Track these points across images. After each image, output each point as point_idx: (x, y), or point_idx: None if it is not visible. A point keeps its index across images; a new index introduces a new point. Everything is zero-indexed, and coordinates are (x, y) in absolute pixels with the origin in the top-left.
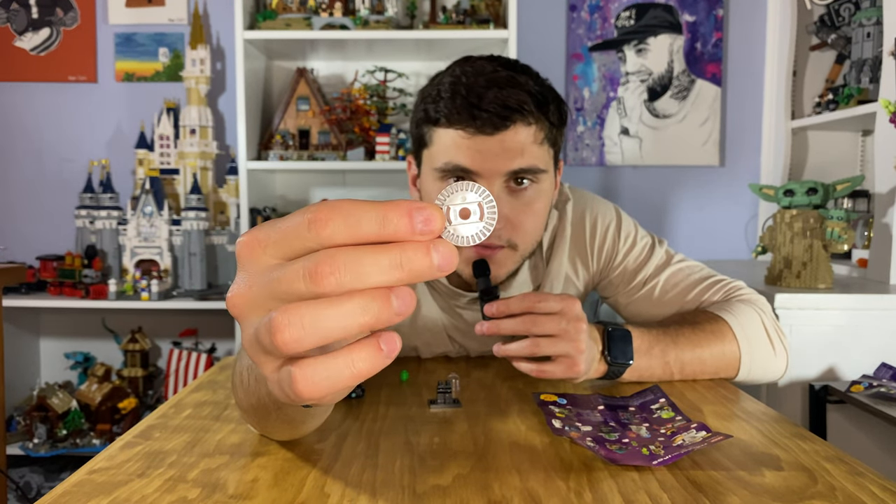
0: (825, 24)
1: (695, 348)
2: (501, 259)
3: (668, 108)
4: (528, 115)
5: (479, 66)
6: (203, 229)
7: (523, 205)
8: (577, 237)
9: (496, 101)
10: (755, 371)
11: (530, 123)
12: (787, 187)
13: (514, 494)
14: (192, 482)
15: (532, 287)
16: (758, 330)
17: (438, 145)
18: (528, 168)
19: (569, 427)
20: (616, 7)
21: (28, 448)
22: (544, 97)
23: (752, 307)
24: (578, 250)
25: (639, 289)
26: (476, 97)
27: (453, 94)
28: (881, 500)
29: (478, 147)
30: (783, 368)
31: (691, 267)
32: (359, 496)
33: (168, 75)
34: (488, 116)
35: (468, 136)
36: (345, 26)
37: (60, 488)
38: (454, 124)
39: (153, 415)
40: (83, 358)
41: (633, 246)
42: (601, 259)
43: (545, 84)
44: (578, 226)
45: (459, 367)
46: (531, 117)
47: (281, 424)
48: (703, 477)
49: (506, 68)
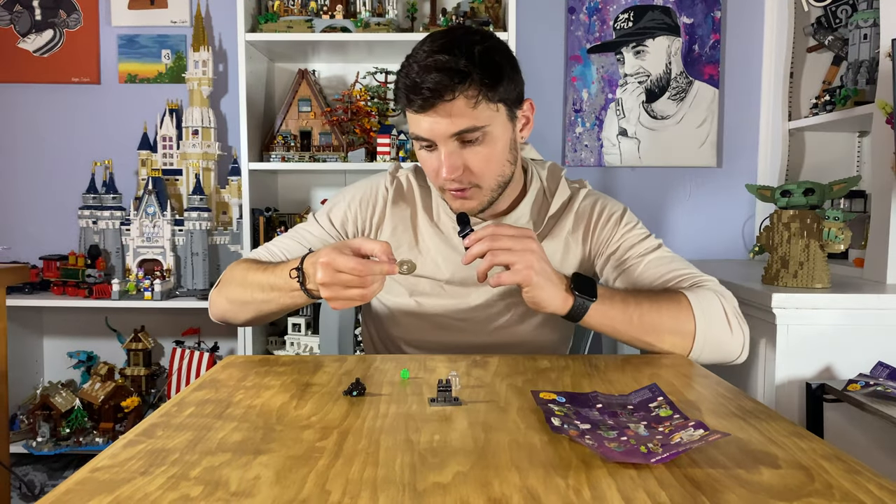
0: (822, 25)
1: (652, 306)
2: (472, 195)
3: (665, 110)
4: (453, 90)
5: (418, 53)
6: (205, 229)
7: (473, 154)
8: (582, 215)
9: (426, 86)
10: (710, 343)
11: (456, 96)
12: (785, 188)
13: (514, 492)
14: (195, 480)
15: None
16: (716, 308)
17: (408, 118)
18: (465, 129)
19: (568, 425)
20: (614, 9)
21: (31, 446)
22: (468, 71)
23: (714, 293)
24: (583, 226)
25: (625, 266)
26: (412, 84)
27: (401, 82)
28: (878, 498)
29: (423, 121)
30: (739, 350)
31: (674, 258)
32: (360, 493)
33: (171, 77)
34: (421, 100)
35: (415, 114)
36: (346, 28)
37: (63, 486)
38: (405, 106)
39: (156, 413)
40: (86, 357)
41: (630, 230)
42: (601, 236)
43: (476, 53)
44: (587, 209)
45: (459, 365)
46: (456, 90)
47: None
48: (701, 475)
49: (440, 50)
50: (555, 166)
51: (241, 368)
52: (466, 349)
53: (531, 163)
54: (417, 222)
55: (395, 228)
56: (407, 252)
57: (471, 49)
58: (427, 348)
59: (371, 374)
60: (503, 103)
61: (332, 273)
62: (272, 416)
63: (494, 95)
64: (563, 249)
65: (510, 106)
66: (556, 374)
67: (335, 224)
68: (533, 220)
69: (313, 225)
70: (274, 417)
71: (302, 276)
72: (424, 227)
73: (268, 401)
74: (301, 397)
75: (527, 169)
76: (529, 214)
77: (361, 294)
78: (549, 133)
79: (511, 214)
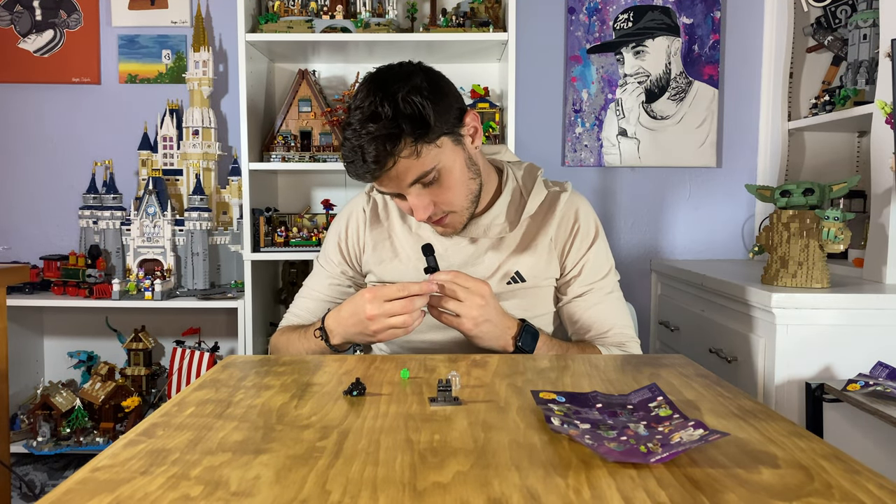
0: (822, 25)
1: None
2: (450, 220)
3: (665, 110)
4: (391, 155)
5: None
6: (206, 229)
7: (437, 191)
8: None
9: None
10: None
11: (397, 160)
12: (784, 188)
13: (514, 491)
14: (195, 479)
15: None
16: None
17: None
18: (417, 177)
19: (567, 425)
20: (614, 10)
21: (32, 446)
22: (397, 132)
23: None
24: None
25: (578, 294)
26: (353, 162)
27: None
28: (877, 497)
29: (379, 184)
30: None
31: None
32: (360, 493)
33: (171, 77)
34: (368, 175)
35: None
36: (346, 29)
37: (64, 486)
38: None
39: (156, 413)
40: (87, 357)
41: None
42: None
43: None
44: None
45: (459, 365)
46: (394, 154)
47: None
48: (701, 474)
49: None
50: (532, 166)
51: (242, 368)
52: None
53: (507, 164)
54: (394, 235)
55: (375, 247)
56: (388, 265)
57: (394, 100)
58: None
59: (371, 374)
60: (444, 135)
61: (380, 304)
62: (272, 416)
63: (432, 136)
64: (545, 259)
65: (451, 133)
66: (556, 374)
67: (334, 261)
68: (510, 219)
69: (318, 275)
70: (274, 417)
71: (325, 334)
72: (403, 237)
73: (268, 401)
74: (301, 397)
75: (502, 170)
76: (505, 214)
77: (405, 321)
78: (549, 133)
79: (486, 215)
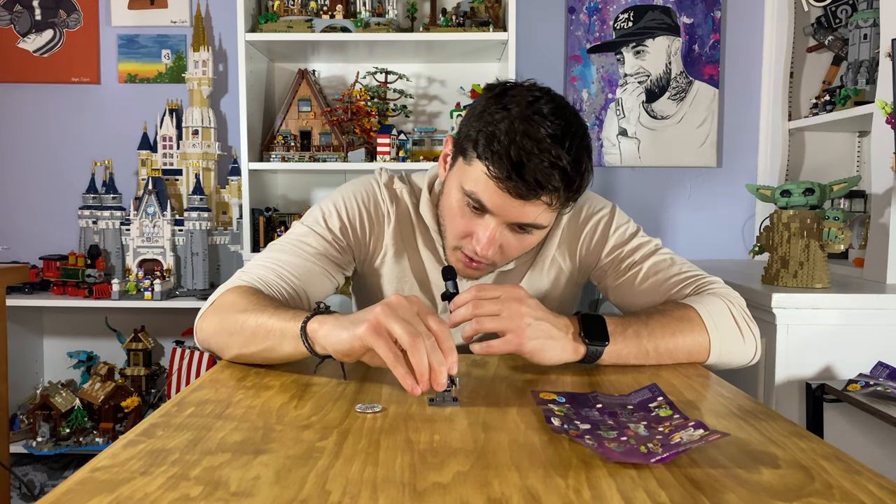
0: (822, 25)
1: (665, 332)
2: (482, 268)
3: (665, 110)
4: (552, 192)
5: (534, 127)
6: (205, 229)
7: (518, 241)
8: (570, 227)
9: (533, 176)
10: (724, 356)
11: (552, 200)
12: (784, 188)
13: (514, 492)
14: (195, 480)
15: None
16: (726, 318)
17: (475, 173)
18: (532, 224)
19: (567, 425)
20: (614, 9)
21: (31, 446)
22: (574, 175)
23: (722, 298)
24: (570, 238)
25: (624, 273)
26: (519, 164)
27: (505, 150)
28: (878, 498)
29: (502, 199)
30: (752, 354)
31: (674, 260)
32: (360, 493)
33: (171, 77)
34: (523, 187)
35: (499, 188)
36: (346, 28)
37: (63, 486)
38: (494, 173)
39: (156, 413)
40: (86, 357)
41: (623, 235)
42: (589, 248)
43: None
44: (574, 217)
45: (459, 365)
46: (555, 195)
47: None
48: (701, 475)
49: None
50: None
51: (241, 368)
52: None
53: None
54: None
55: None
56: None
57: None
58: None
59: (371, 374)
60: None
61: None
62: (272, 416)
63: (573, 200)
64: (554, 276)
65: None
66: (556, 374)
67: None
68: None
69: (311, 235)
70: (274, 417)
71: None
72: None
73: (268, 401)
74: (301, 397)
75: None
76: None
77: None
78: None
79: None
